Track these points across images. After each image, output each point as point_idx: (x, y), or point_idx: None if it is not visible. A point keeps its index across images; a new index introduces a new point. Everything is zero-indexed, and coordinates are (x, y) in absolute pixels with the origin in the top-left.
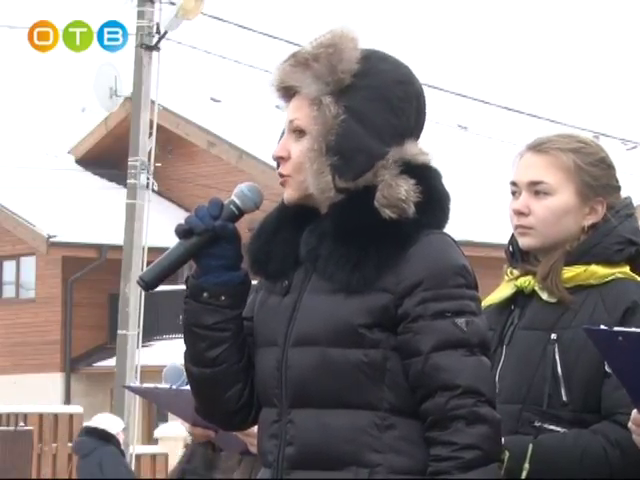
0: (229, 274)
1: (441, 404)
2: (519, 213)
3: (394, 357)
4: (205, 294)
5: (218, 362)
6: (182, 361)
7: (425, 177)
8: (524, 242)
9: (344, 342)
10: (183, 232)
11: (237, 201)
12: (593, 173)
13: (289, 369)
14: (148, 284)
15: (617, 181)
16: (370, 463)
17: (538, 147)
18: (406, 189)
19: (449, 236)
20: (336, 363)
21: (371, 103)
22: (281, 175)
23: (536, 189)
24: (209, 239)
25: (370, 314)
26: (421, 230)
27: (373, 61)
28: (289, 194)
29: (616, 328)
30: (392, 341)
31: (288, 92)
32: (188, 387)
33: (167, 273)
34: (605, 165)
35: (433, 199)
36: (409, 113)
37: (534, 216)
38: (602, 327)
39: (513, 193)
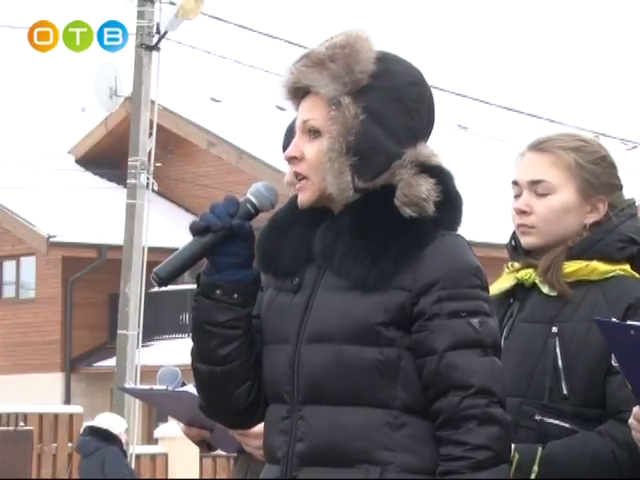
0: (243, 272)
1: (454, 403)
2: (521, 212)
3: (407, 356)
4: (218, 291)
5: (229, 360)
6: (181, 361)
7: (441, 178)
8: (526, 241)
9: (360, 340)
10: (199, 229)
11: (253, 200)
12: (594, 171)
13: (302, 366)
14: (163, 279)
15: (619, 180)
16: (382, 461)
17: (539, 146)
18: (427, 188)
19: (463, 238)
20: (351, 361)
21: (388, 104)
22: (297, 175)
23: (537, 188)
24: (224, 237)
25: (387, 312)
26: (438, 230)
27: (387, 62)
28: (306, 198)
29: (629, 322)
30: (406, 340)
31: (298, 93)
32: (183, 388)
33: (181, 270)
34: (606, 163)
35: (448, 200)
36: (422, 115)
37: (536, 215)
38: (614, 320)
39: (515, 193)
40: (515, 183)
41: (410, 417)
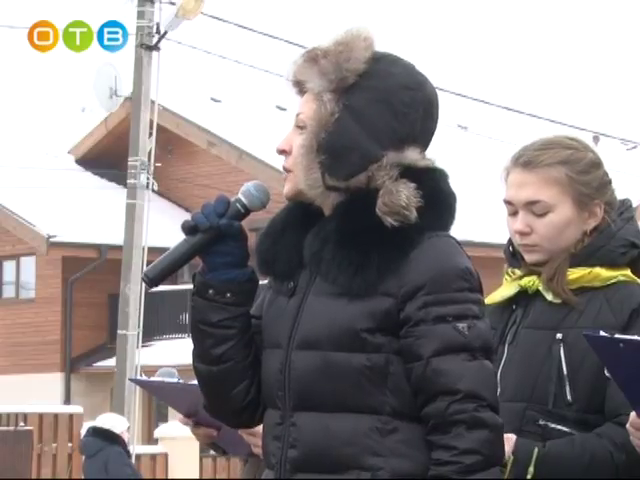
0: (235, 271)
1: (442, 409)
2: (522, 233)
3: (397, 361)
4: (211, 291)
5: (224, 359)
6: (181, 361)
7: (427, 179)
8: (531, 258)
9: (347, 346)
10: (188, 229)
11: (244, 199)
12: (586, 180)
13: (292, 372)
14: (152, 280)
15: (607, 175)
16: (372, 467)
17: (527, 165)
18: (407, 195)
19: (453, 238)
20: (339, 367)
21: (372, 104)
22: (284, 168)
23: (534, 208)
24: (214, 236)
25: (372, 318)
26: (424, 233)
27: (383, 64)
28: (287, 189)
29: (617, 335)
30: (394, 345)
31: (302, 87)
32: (191, 382)
33: (171, 270)
34: (595, 165)
35: (437, 200)
36: (413, 119)
37: (537, 234)
38: (602, 334)
39: (509, 212)
40: (508, 202)
41: (401, 422)
